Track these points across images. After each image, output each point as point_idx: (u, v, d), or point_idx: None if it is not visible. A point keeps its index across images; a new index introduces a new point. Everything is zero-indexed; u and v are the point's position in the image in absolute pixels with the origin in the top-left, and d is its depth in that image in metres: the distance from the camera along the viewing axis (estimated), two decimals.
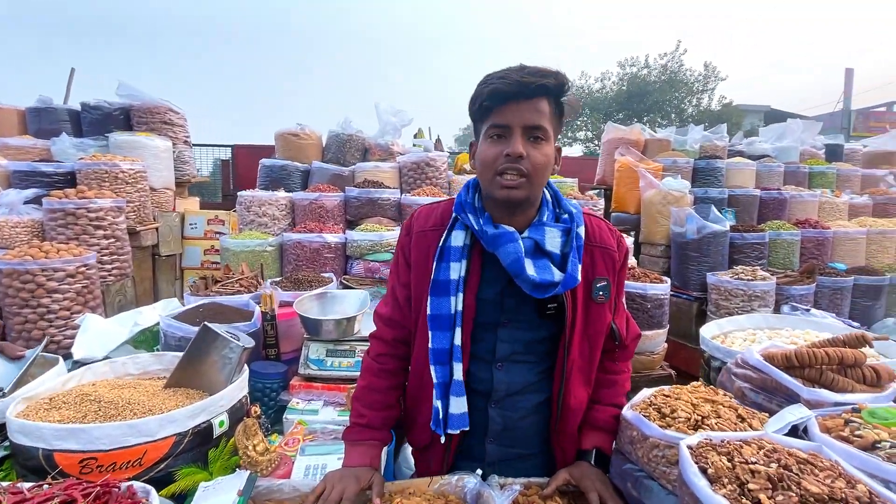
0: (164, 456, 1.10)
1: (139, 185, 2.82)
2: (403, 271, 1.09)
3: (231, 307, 1.80)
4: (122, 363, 1.48)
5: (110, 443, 1.03)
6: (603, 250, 1.05)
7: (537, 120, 0.93)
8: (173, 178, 3.34)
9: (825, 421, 0.98)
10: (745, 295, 2.69)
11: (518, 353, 1.05)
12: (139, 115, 3.30)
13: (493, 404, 1.07)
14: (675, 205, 3.26)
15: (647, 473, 1.03)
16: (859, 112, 17.69)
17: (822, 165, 4.24)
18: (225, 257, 2.48)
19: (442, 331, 1.00)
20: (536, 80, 0.91)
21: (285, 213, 2.77)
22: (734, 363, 1.29)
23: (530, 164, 0.93)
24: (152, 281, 3.13)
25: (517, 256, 0.94)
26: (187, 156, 3.56)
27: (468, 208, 1.01)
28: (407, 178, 3.07)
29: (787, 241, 3.24)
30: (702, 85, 20.98)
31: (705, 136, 4.26)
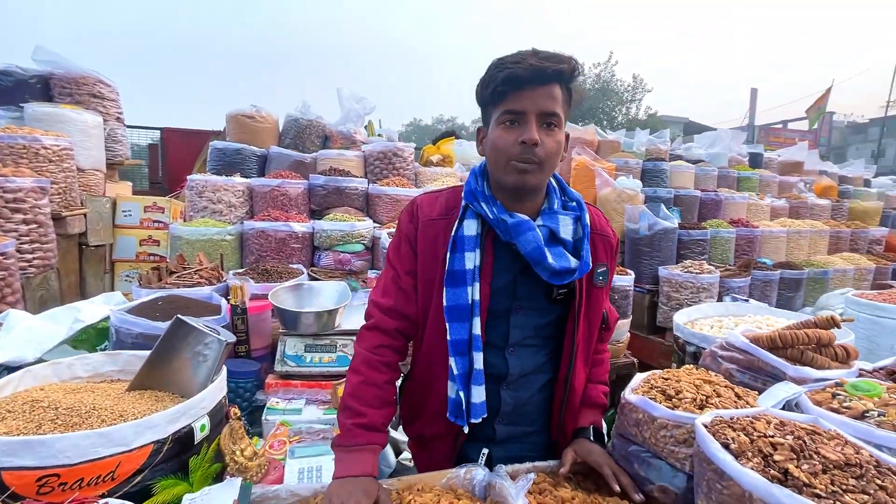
0: (141, 467, 0.96)
1: (65, 165, 2.46)
2: (409, 259, 1.06)
3: (194, 300, 1.62)
4: (67, 365, 1.27)
5: (76, 455, 0.88)
6: (602, 237, 1.09)
7: (552, 106, 0.92)
8: (104, 159, 2.96)
9: (814, 395, 1.06)
10: (693, 287, 2.90)
11: (528, 337, 1.07)
12: (62, 84, 2.88)
13: (506, 387, 1.08)
14: (628, 203, 3.45)
15: (653, 454, 1.05)
16: (761, 127, 19.85)
17: (748, 171, 4.69)
18: (176, 246, 2.23)
19: (461, 321, 0.99)
20: (553, 65, 0.90)
21: (243, 200, 2.55)
22: (719, 346, 1.36)
23: (544, 152, 0.93)
24: (79, 274, 2.75)
25: (537, 244, 0.94)
26: (120, 134, 3.17)
27: (480, 197, 1.00)
28: (373, 167, 2.96)
29: (725, 238, 3.55)
30: (630, 95, 22.51)
31: (650, 139, 4.55)
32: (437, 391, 1.06)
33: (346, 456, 0.97)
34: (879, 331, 1.83)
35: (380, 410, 1.02)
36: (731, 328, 1.72)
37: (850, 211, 4.95)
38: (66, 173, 2.47)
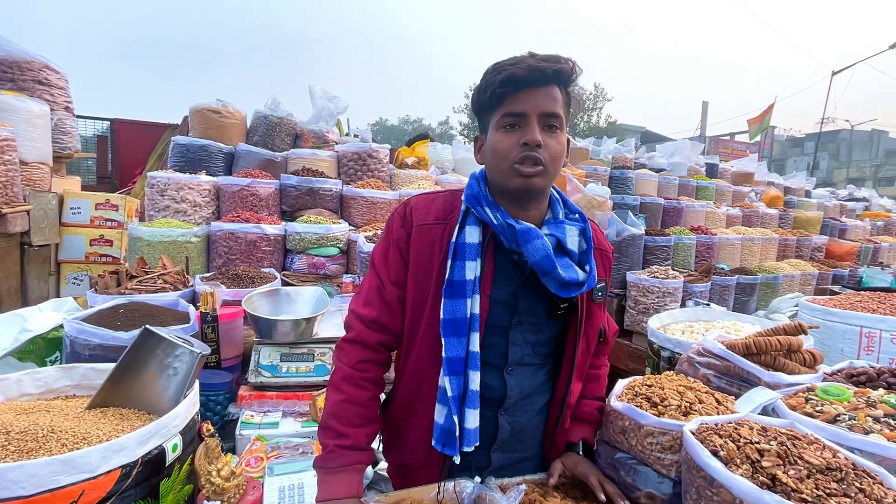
0: (107, 495, 0.88)
1: (5, 157, 2.24)
2: (397, 268, 0.98)
3: (160, 307, 1.51)
4: (15, 381, 1.16)
5: (33, 486, 0.79)
6: (601, 252, 1.06)
7: (553, 107, 0.89)
8: (51, 152, 2.72)
9: (788, 400, 1.12)
10: (659, 291, 3.01)
11: (527, 355, 1.02)
12: (3, 69, 2.62)
13: (504, 412, 1.02)
14: (598, 209, 3.54)
15: (640, 460, 1.07)
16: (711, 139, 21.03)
17: (705, 180, 4.95)
18: (135, 248, 2.07)
19: (457, 336, 0.92)
20: (552, 65, 0.88)
21: (209, 199, 2.41)
22: (695, 352, 1.41)
23: (548, 154, 0.89)
24: (20, 276, 2.52)
25: (546, 253, 0.90)
26: (69, 126, 2.93)
27: (484, 202, 0.94)
28: (347, 168, 2.88)
29: (687, 244, 3.71)
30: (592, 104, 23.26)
31: (616, 147, 4.71)
32: (422, 415, 0.99)
33: (329, 477, 0.91)
34: (830, 335, 1.96)
35: (363, 429, 0.95)
36: (702, 333, 1.79)
37: (794, 220, 5.32)
38: (6, 166, 2.25)
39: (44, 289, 2.70)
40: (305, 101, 3.25)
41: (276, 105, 3.12)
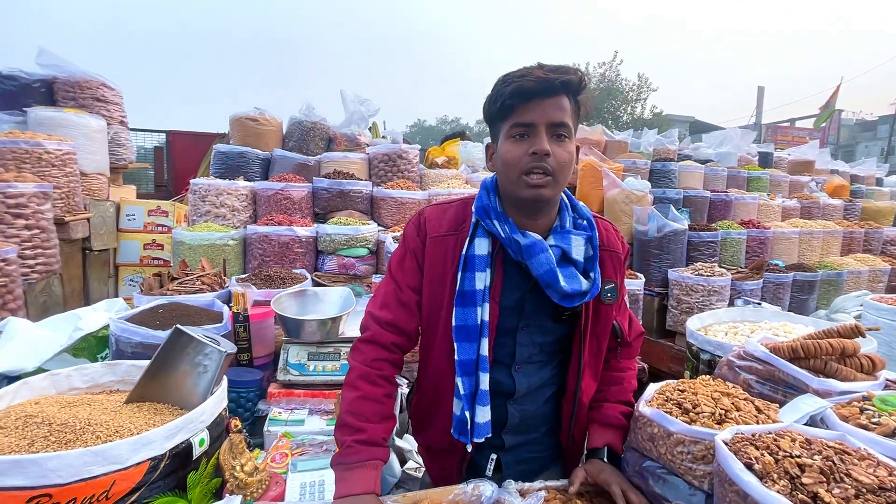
0: (137, 486, 0.92)
1: (68, 169, 2.45)
2: (414, 274, 1.04)
3: (196, 307, 1.59)
4: (65, 376, 1.25)
5: (69, 475, 0.84)
6: (611, 254, 1.08)
7: (561, 117, 0.92)
8: (108, 163, 2.94)
9: (840, 410, 1.01)
10: (704, 290, 2.84)
11: (534, 354, 1.07)
12: (65, 88, 2.87)
13: (513, 402, 1.09)
14: (637, 204, 3.39)
15: (669, 470, 1.01)
16: (768, 126, 19.67)
17: (758, 171, 4.61)
18: (178, 252, 2.20)
19: (469, 341, 0.98)
20: (560, 76, 0.90)
21: (246, 203, 2.52)
22: (735, 355, 1.31)
23: (556, 162, 0.92)
24: (82, 279, 2.74)
25: (550, 267, 0.94)
26: (124, 138, 3.16)
27: (493, 214, 0.99)
28: (377, 170, 2.92)
29: (736, 239, 3.47)
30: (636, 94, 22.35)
31: (658, 139, 4.48)
32: (444, 408, 1.06)
33: (346, 474, 0.93)
34: None
35: (380, 425, 0.99)
36: (746, 335, 1.66)
37: (862, 210, 4.85)
38: (68, 178, 2.45)
39: (104, 290, 2.92)
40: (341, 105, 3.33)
41: (310, 110, 3.21)
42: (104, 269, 2.96)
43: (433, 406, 1.10)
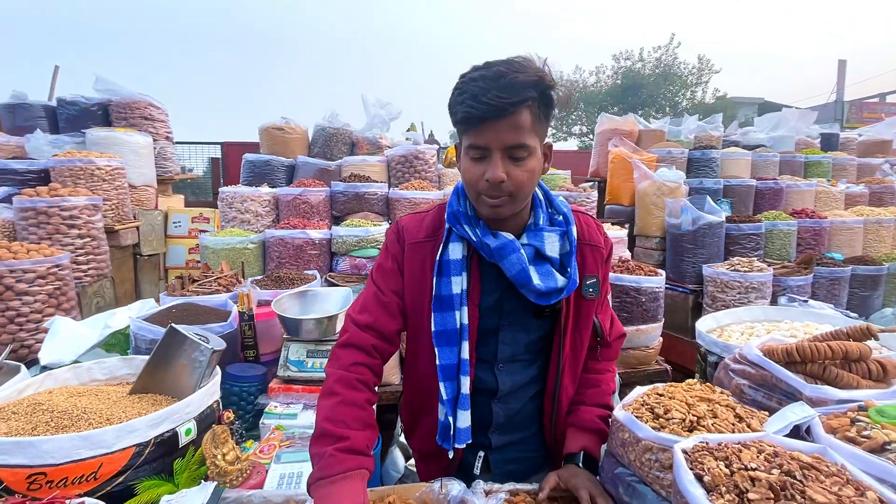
0: (123, 468, 1.02)
1: (117, 183, 2.73)
2: (396, 279, 1.04)
3: (206, 307, 1.71)
4: (86, 368, 1.40)
5: (61, 456, 0.95)
6: (592, 248, 1.05)
7: (518, 138, 0.86)
8: (154, 175, 3.24)
9: (830, 420, 0.91)
10: (741, 287, 2.63)
11: (518, 353, 1.06)
12: (118, 110, 3.20)
13: (497, 400, 1.08)
14: (669, 196, 3.20)
15: (639, 478, 0.96)
16: (852, 103, 17.69)
17: (817, 154, 4.18)
18: (205, 256, 2.39)
19: (449, 346, 0.99)
20: (513, 99, 0.82)
21: (269, 209, 2.68)
22: (731, 358, 1.22)
23: (513, 185, 0.89)
24: (134, 282, 3.03)
25: (522, 267, 0.93)
26: (169, 152, 3.46)
27: (462, 219, 0.98)
28: (395, 171, 2.99)
29: (784, 231, 3.18)
30: (696, 78, 20.93)
31: (700, 126, 4.19)
32: (430, 412, 1.07)
33: (330, 489, 0.80)
34: None
35: (362, 432, 0.89)
36: (762, 336, 1.53)
37: None
38: (118, 190, 2.73)
39: (154, 292, 3.21)
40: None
41: (334, 117, 3.34)
42: (154, 272, 3.26)
43: (420, 411, 1.11)
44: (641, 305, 2.21)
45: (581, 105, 20.71)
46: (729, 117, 17.14)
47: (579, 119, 21.06)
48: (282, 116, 3.22)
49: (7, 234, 2.35)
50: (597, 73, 21.54)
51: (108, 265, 2.56)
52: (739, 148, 3.99)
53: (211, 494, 1.01)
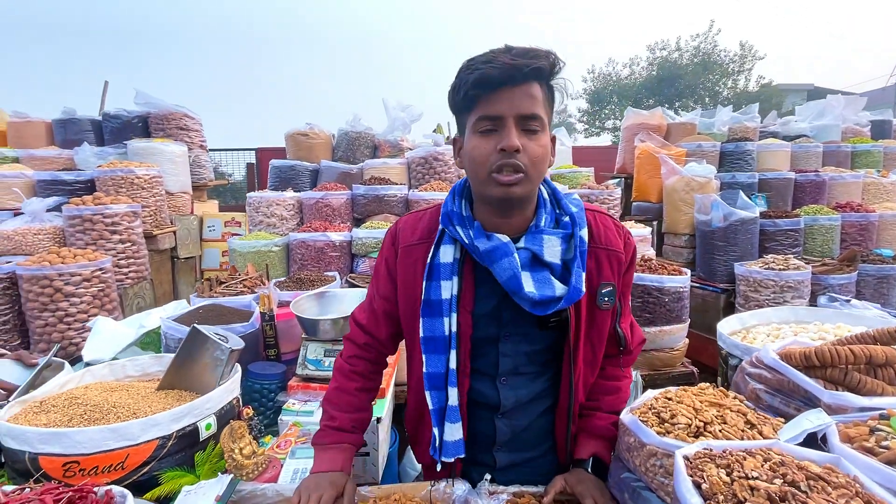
0: (148, 459, 1.09)
1: (155, 190, 2.90)
2: (385, 284, 1.03)
3: (231, 308, 1.80)
4: (121, 365, 1.50)
5: (92, 447, 1.03)
6: (609, 252, 0.96)
7: (532, 108, 0.82)
8: (190, 182, 3.42)
9: (847, 429, 0.87)
10: (776, 286, 2.50)
11: (521, 365, 0.99)
12: (156, 122, 3.40)
13: (501, 416, 1.03)
14: (699, 191, 3.08)
15: (644, 483, 0.95)
16: None
17: (866, 143, 3.90)
18: (233, 258, 2.51)
19: (437, 354, 0.95)
20: (528, 62, 0.80)
21: (293, 212, 2.78)
22: (748, 362, 1.17)
23: (528, 158, 0.83)
24: (172, 283, 3.21)
25: (513, 273, 0.86)
26: (204, 160, 3.64)
27: (455, 219, 0.93)
28: (415, 173, 3.02)
29: (826, 226, 2.99)
30: (738, 66, 19.93)
31: (734, 117, 4.00)
32: (428, 423, 1.03)
33: (319, 454, 1.03)
34: None
35: (349, 415, 1.05)
36: (788, 338, 1.45)
37: None
38: (156, 198, 2.90)
39: (190, 293, 3.39)
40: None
41: (357, 121, 3.41)
42: (191, 274, 3.44)
43: (419, 421, 1.10)
44: (665, 305, 2.14)
45: (614, 98, 20.15)
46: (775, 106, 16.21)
47: (612, 113, 20.49)
48: (306, 122, 3.33)
49: (58, 240, 2.54)
50: (630, 64, 20.88)
51: (148, 268, 2.72)
52: (778, 139, 3.78)
53: (227, 486, 1.07)
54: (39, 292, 2.11)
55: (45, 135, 3.52)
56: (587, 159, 4.37)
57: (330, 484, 0.96)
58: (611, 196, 2.97)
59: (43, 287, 2.11)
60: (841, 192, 3.38)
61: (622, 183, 3.81)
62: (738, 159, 3.52)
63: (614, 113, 20.41)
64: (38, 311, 2.13)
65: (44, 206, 2.53)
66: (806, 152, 3.68)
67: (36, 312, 2.14)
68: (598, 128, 21.04)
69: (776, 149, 3.59)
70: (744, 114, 4.03)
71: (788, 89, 19.96)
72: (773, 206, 3.23)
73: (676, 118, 4.00)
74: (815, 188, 3.35)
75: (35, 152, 3.22)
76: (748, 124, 3.86)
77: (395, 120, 3.34)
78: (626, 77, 20.75)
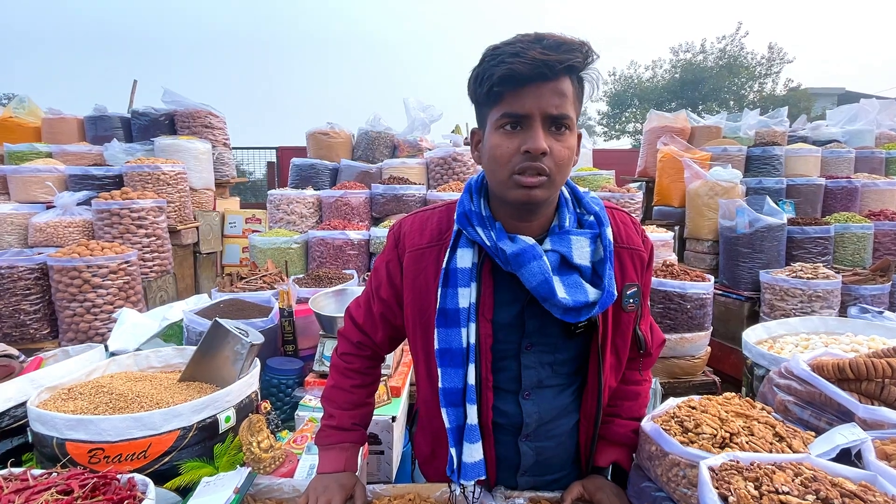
0: (169, 449, 1.11)
1: (179, 186, 2.97)
2: (385, 288, 0.97)
3: (251, 303, 1.83)
4: (145, 356, 1.53)
5: (116, 434, 1.05)
6: (631, 251, 0.91)
7: (561, 106, 0.76)
8: (213, 179, 3.49)
9: (885, 445, 0.83)
10: (804, 295, 2.42)
11: (546, 377, 0.92)
12: (182, 119, 3.48)
13: (524, 438, 0.95)
14: (723, 196, 3.00)
15: (666, 494, 0.92)
16: None
17: None
18: (253, 255, 2.54)
19: (453, 367, 0.87)
20: (561, 56, 0.74)
21: (313, 210, 2.81)
22: (777, 373, 1.13)
23: (553, 162, 0.77)
24: (194, 278, 3.28)
25: (545, 277, 0.80)
26: (227, 157, 3.71)
27: (475, 220, 0.85)
28: (434, 173, 3.03)
29: (857, 234, 2.89)
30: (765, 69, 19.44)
31: (762, 121, 3.89)
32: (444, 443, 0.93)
33: (323, 454, 1.03)
34: None
35: (348, 412, 1.04)
36: (818, 349, 1.40)
37: None
38: (180, 194, 2.97)
39: (212, 287, 3.46)
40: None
41: (377, 121, 3.43)
42: (212, 269, 3.50)
43: (434, 441, 1.03)
44: (686, 312, 2.09)
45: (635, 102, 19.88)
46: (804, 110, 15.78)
47: (633, 117, 20.21)
48: (327, 122, 3.36)
49: (87, 233, 2.62)
50: (653, 67, 20.56)
51: (171, 262, 2.79)
52: (808, 144, 3.67)
53: (245, 479, 1.07)
54: (69, 283, 2.18)
55: (77, 131, 3.64)
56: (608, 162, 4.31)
57: (339, 486, 0.95)
58: (632, 199, 2.92)
59: (72, 278, 2.18)
60: (874, 200, 3.26)
61: (643, 186, 3.75)
62: (765, 164, 3.43)
63: (635, 116, 20.12)
64: (67, 301, 2.20)
65: (74, 200, 2.62)
66: (837, 158, 3.56)
67: (65, 302, 2.20)
68: (618, 131, 20.76)
69: (806, 154, 3.49)
70: (772, 117, 3.92)
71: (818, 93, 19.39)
72: (802, 212, 3.14)
73: (701, 121, 3.91)
74: (847, 195, 3.23)
75: (67, 147, 3.33)
76: (776, 128, 3.76)
77: (415, 120, 3.36)
78: (648, 80, 20.45)
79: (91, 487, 0.91)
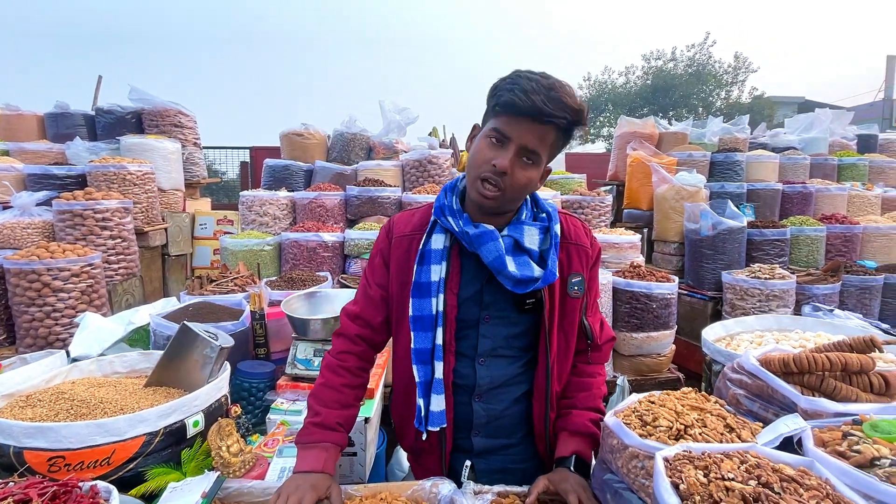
0: (134, 455, 1.09)
1: (147, 187, 2.88)
2: (380, 272, 1.12)
3: (221, 306, 1.80)
4: (108, 361, 1.49)
5: (78, 442, 1.03)
6: (578, 247, 1.08)
7: (536, 145, 0.93)
8: (182, 180, 3.40)
9: (822, 433, 0.89)
10: (762, 294, 2.54)
11: (499, 347, 1.08)
12: (150, 118, 3.38)
13: (477, 398, 1.10)
14: (689, 200, 3.12)
15: (626, 485, 0.97)
16: None
17: (852, 157, 3.98)
18: (224, 257, 2.50)
19: (424, 331, 1.03)
20: (554, 111, 0.90)
21: (286, 212, 2.78)
22: (730, 368, 1.20)
23: (510, 183, 0.94)
24: (162, 281, 3.19)
25: (498, 254, 0.97)
26: (197, 157, 3.62)
27: (447, 211, 1.03)
28: (409, 175, 3.04)
29: (811, 237, 3.05)
30: (731, 77, 20.24)
31: (725, 128, 4.07)
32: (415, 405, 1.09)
33: (302, 452, 1.04)
34: None
35: (335, 411, 1.07)
36: (769, 345, 1.49)
37: None
38: (147, 194, 2.89)
39: (181, 290, 3.37)
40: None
41: (352, 122, 3.42)
42: (182, 272, 3.41)
43: (406, 405, 1.14)
44: (652, 312, 2.17)
45: (609, 107, 20.36)
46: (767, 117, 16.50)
47: (607, 121, 20.69)
48: (302, 122, 3.33)
49: (47, 235, 2.52)
50: (626, 73, 21.11)
51: (138, 265, 2.70)
52: (766, 151, 3.85)
53: (213, 483, 1.07)
54: (27, 287, 2.09)
55: (37, 128, 3.48)
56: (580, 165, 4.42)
57: (311, 486, 0.96)
58: (602, 203, 3.00)
59: (30, 282, 2.09)
60: (827, 204, 3.46)
61: (614, 190, 3.86)
62: (727, 169, 3.58)
63: (609, 120, 20.61)
64: (25, 305, 2.11)
65: (33, 200, 2.51)
66: (794, 164, 3.75)
67: (23, 307, 2.11)
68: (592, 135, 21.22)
69: (765, 160, 3.66)
70: (734, 125, 4.10)
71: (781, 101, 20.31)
72: (761, 216, 3.30)
73: (669, 127, 4.06)
74: (802, 199, 3.42)
75: (26, 146, 3.19)
76: (738, 135, 3.93)
77: (391, 122, 3.36)
78: (622, 85, 20.98)
79: (51, 496, 0.89)
